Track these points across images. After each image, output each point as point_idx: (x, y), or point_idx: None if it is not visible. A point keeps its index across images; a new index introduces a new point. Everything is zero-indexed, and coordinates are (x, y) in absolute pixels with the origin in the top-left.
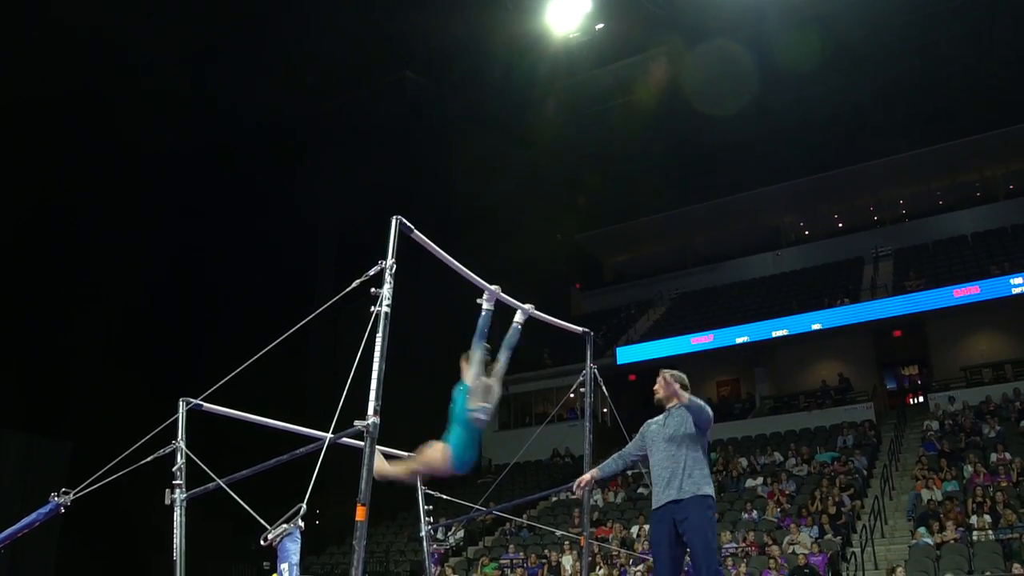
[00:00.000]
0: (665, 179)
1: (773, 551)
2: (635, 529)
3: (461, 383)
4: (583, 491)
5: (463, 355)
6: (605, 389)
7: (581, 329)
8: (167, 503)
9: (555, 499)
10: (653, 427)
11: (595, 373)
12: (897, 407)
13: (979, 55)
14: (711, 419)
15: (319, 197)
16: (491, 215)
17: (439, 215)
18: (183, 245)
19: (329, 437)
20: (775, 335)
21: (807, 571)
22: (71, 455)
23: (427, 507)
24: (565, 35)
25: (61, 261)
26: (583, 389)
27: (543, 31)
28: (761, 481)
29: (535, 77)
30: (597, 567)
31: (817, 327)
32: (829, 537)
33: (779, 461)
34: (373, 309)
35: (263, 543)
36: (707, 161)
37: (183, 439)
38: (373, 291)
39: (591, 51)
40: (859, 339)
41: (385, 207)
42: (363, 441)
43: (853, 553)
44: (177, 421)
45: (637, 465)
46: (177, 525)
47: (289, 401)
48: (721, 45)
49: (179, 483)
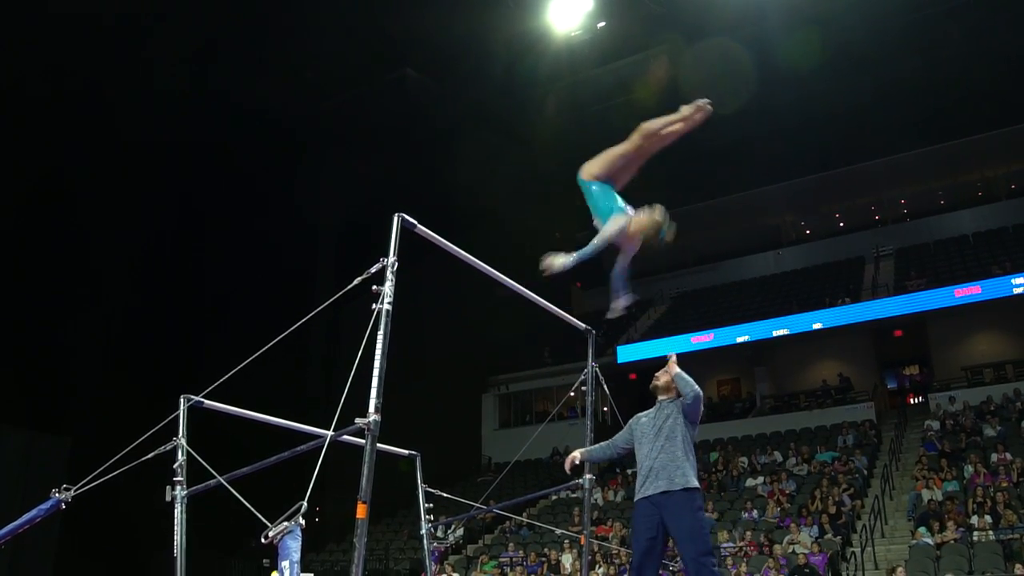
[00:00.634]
0: (665, 178)
1: (775, 550)
2: None
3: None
4: (569, 464)
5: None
6: (607, 388)
7: (584, 326)
8: (168, 500)
9: (555, 498)
10: (643, 420)
11: (596, 372)
12: (898, 407)
13: (981, 55)
14: (697, 398)
15: (320, 195)
16: (491, 213)
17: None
18: (184, 242)
19: (330, 435)
20: (776, 334)
21: (807, 571)
22: (71, 452)
23: (427, 505)
24: (566, 33)
25: (61, 257)
26: (584, 388)
27: (544, 29)
28: (761, 480)
29: (536, 76)
30: (597, 566)
31: (818, 326)
32: (829, 537)
33: (779, 460)
34: (374, 307)
35: (264, 541)
36: (708, 160)
37: (184, 436)
38: (374, 288)
39: (592, 49)
40: (860, 339)
41: (386, 205)
42: (364, 439)
43: (853, 553)
44: (178, 418)
45: (623, 459)
46: (178, 522)
47: (290, 399)
48: (722, 44)
49: (180, 480)
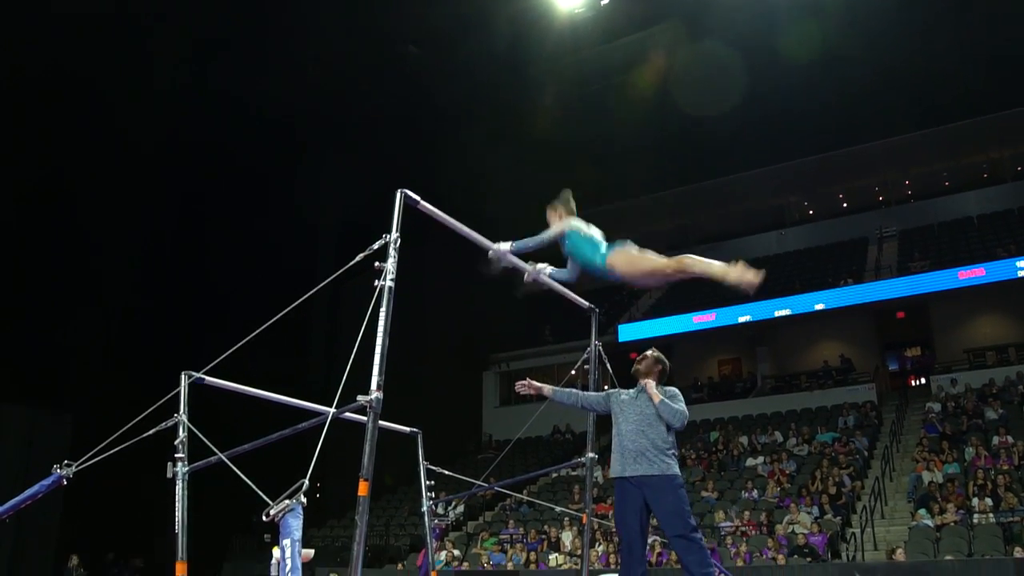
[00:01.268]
0: (669, 157)
1: (775, 530)
2: None
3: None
4: (534, 390)
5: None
6: (610, 367)
7: (587, 304)
8: (169, 477)
9: (555, 475)
10: (624, 398)
11: (600, 350)
12: (899, 388)
13: (987, 35)
14: (684, 423)
15: (321, 174)
16: (492, 192)
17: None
18: (186, 221)
19: (332, 412)
20: (778, 315)
21: (807, 551)
22: (73, 428)
23: (429, 482)
24: (570, 10)
25: (64, 238)
26: (587, 366)
27: (548, 6)
28: (761, 460)
29: (540, 53)
30: (596, 543)
31: (820, 307)
32: (829, 517)
33: (780, 441)
34: (377, 283)
35: (265, 519)
36: (711, 140)
37: (185, 413)
38: (377, 265)
39: (596, 27)
40: (862, 320)
41: (387, 183)
42: (366, 416)
43: (853, 534)
44: (179, 395)
45: (585, 412)
46: (179, 499)
47: (292, 378)
48: (726, 23)
49: (181, 457)
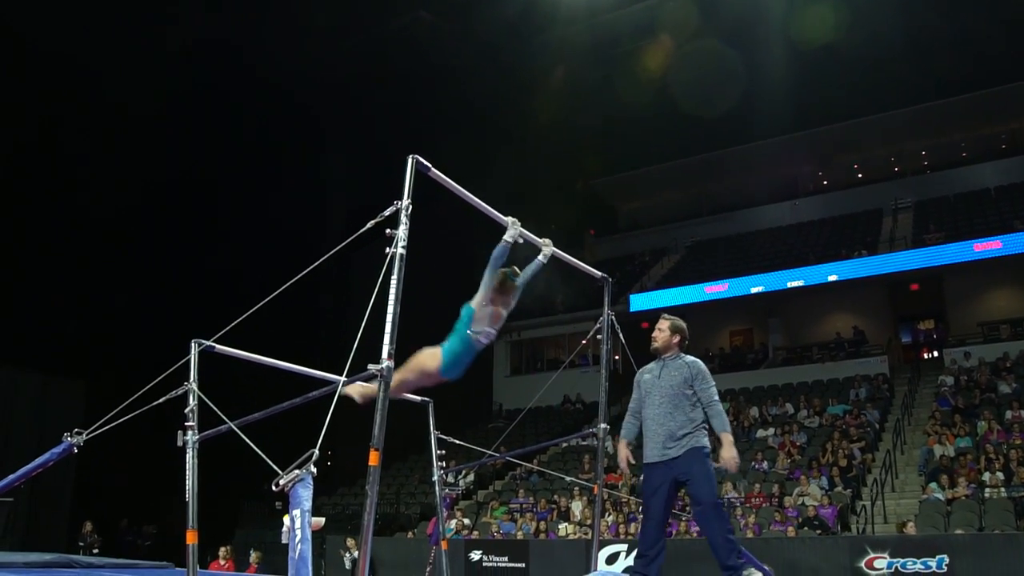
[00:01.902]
0: (682, 125)
1: (785, 502)
2: None
3: (467, 304)
4: (625, 463)
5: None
6: (622, 336)
7: (600, 274)
8: (179, 445)
9: (565, 445)
10: (647, 376)
11: (612, 320)
12: (911, 361)
13: (1007, 3)
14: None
15: (332, 142)
16: (505, 160)
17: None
18: (199, 190)
19: (342, 380)
20: (790, 286)
21: (816, 523)
22: (87, 395)
23: (439, 452)
24: None
25: (76, 205)
26: (599, 336)
27: None
28: (772, 432)
29: (554, 17)
30: (606, 513)
31: (833, 278)
32: (839, 490)
33: (791, 412)
34: (388, 250)
35: (275, 488)
36: (726, 109)
37: (195, 381)
38: (388, 232)
39: None
40: (875, 292)
41: (398, 150)
42: (377, 385)
43: (863, 506)
44: (189, 363)
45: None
46: (189, 467)
47: (303, 347)
48: None
49: (191, 425)
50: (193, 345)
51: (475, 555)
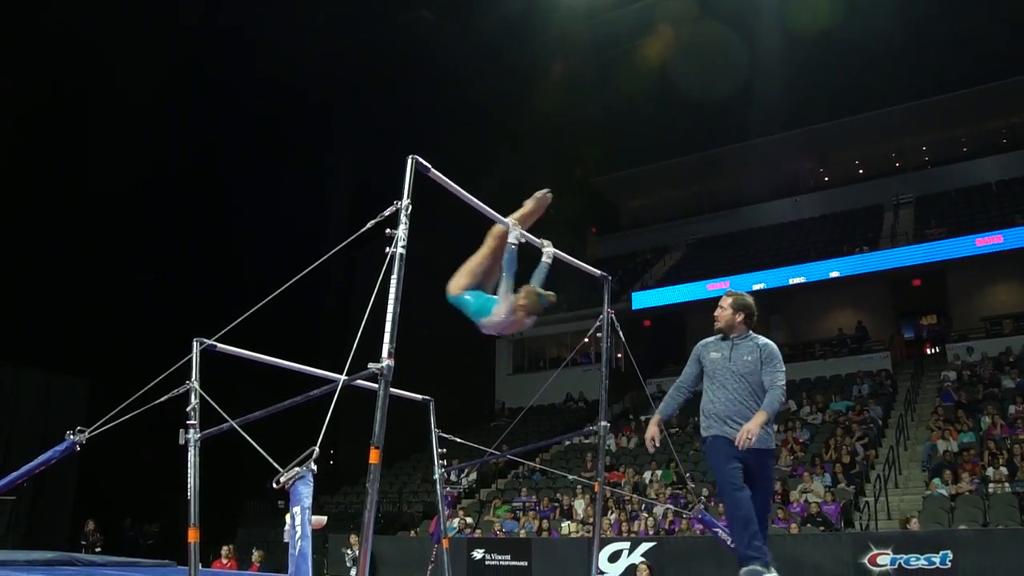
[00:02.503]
0: (682, 123)
1: (790, 499)
2: (647, 475)
3: (489, 297)
4: (654, 444)
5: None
6: (622, 334)
7: (599, 272)
8: (181, 443)
9: (567, 443)
10: (714, 355)
11: (612, 318)
12: (914, 357)
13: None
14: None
15: (334, 140)
16: (507, 158)
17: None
18: (201, 187)
19: (343, 379)
20: (792, 282)
21: (820, 519)
22: (90, 392)
23: (441, 450)
24: None
25: (78, 200)
26: (600, 334)
27: None
28: (775, 429)
29: (555, 16)
30: (609, 511)
31: (835, 275)
32: (843, 486)
33: (794, 409)
34: (388, 250)
35: (275, 486)
36: (726, 105)
37: (197, 379)
38: (388, 232)
39: None
40: (877, 287)
41: (400, 149)
42: (377, 384)
43: (867, 503)
44: (191, 361)
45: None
46: (191, 465)
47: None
48: None
49: (193, 423)
50: (195, 344)
51: (477, 553)
